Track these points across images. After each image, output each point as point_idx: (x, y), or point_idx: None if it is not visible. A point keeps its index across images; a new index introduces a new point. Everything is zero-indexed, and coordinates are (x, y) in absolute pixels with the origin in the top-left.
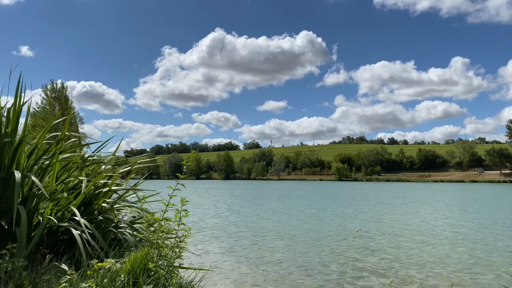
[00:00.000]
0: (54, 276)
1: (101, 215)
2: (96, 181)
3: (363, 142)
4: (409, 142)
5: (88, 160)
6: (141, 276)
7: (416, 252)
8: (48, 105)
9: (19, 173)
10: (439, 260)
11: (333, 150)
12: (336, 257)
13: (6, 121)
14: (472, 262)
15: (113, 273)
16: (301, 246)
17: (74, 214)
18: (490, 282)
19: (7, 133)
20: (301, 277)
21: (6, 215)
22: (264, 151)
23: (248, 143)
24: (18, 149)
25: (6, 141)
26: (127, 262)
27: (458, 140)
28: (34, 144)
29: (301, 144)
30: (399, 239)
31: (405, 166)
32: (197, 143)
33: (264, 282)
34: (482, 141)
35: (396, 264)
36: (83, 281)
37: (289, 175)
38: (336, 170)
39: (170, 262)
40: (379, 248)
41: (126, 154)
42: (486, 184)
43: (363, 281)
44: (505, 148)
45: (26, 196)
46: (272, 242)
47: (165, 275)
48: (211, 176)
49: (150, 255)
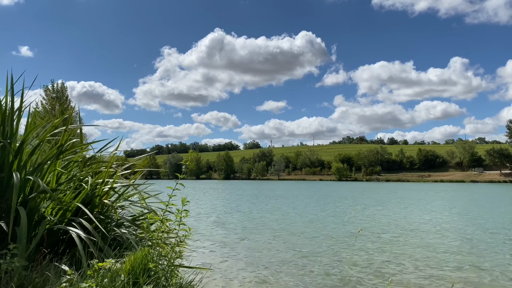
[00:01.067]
0: (55, 276)
1: (103, 214)
2: (98, 178)
3: (363, 142)
4: (409, 142)
5: (91, 160)
6: (141, 276)
7: (417, 252)
8: (49, 105)
9: (18, 175)
10: (440, 260)
11: (333, 150)
12: (337, 258)
13: (9, 121)
14: (472, 262)
15: (113, 273)
16: (302, 246)
17: (75, 214)
18: (491, 282)
19: (8, 133)
20: (302, 277)
21: (7, 215)
22: (264, 151)
23: (248, 143)
24: (19, 150)
25: (7, 142)
26: (127, 262)
27: (458, 140)
28: (35, 144)
29: (301, 144)
30: (400, 239)
31: (405, 166)
32: (197, 143)
33: (264, 282)
34: (482, 141)
35: (397, 264)
36: (83, 281)
37: (289, 175)
38: (336, 170)
39: (171, 262)
40: (379, 248)
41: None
42: (486, 184)
43: (363, 281)
44: (505, 148)
45: (27, 196)
46: (273, 242)
47: (166, 275)
48: (211, 176)
49: (151, 255)
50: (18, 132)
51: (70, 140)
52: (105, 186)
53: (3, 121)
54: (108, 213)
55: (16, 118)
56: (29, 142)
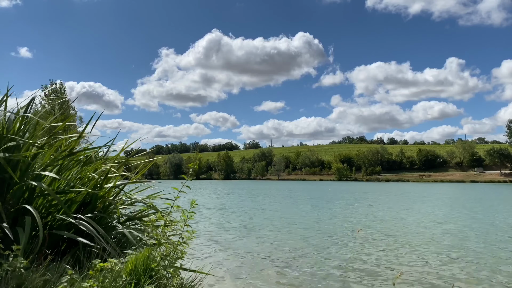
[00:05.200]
0: (56, 276)
1: (104, 212)
2: (102, 175)
3: (363, 142)
4: (408, 142)
5: (94, 158)
6: (143, 276)
7: (418, 252)
8: (48, 105)
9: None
10: (441, 260)
11: (333, 150)
12: (338, 258)
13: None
14: (473, 262)
15: (115, 273)
16: (303, 247)
17: (77, 211)
18: (491, 282)
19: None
20: (302, 277)
21: (9, 215)
22: (264, 151)
23: (248, 143)
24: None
25: (12, 145)
26: (129, 262)
27: (458, 140)
28: (39, 145)
29: (301, 144)
30: (400, 239)
31: (405, 166)
32: (197, 143)
33: (264, 282)
34: (482, 141)
35: (397, 264)
36: (84, 281)
37: (289, 175)
38: (336, 170)
39: (173, 262)
40: (380, 248)
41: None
42: (486, 184)
43: (364, 281)
44: (505, 148)
45: (30, 196)
46: (273, 243)
47: (167, 275)
48: (211, 176)
49: (153, 255)
50: (25, 134)
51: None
52: (107, 184)
53: (8, 123)
54: (110, 212)
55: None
56: (33, 143)
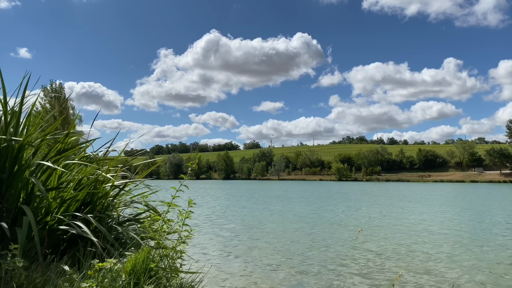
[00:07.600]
0: (55, 276)
1: (103, 212)
2: (101, 175)
3: (363, 142)
4: (408, 142)
5: (93, 159)
6: (142, 276)
7: (418, 252)
8: (49, 104)
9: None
10: (441, 261)
11: (333, 150)
12: (338, 258)
13: (13, 123)
14: (473, 262)
15: (114, 273)
16: (303, 247)
17: (77, 211)
18: (491, 282)
19: (12, 133)
20: (302, 278)
21: (8, 215)
22: (264, 151)
23: (248, 143)
24: (21, 150)
25: (9, 143)
26: (128, 262)
27: (458, 140)
28: (37, 145)
29: (301, 144)
30: (400, 239)
31: (405, 166)
32: (196, 143)
33: (264, 282)
34: (482, 141)
35: (398, 265)
36: (83, 281)
37: (289, 175)
38: (336, 170)
39: (172, 262)
40: (380, 248)
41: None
42: (486, 184)
43: (364, 282)
44: (505, 148)
45: (29, 195)
46: (273, 243)
47: (166, 275)
48: (211, 176)
49: (152, 255)
50: (23, 133)
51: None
52: (107, 184)
53: (5, 122)
54: (109, 212)
55: (17, 118)
56: (31, 143)
